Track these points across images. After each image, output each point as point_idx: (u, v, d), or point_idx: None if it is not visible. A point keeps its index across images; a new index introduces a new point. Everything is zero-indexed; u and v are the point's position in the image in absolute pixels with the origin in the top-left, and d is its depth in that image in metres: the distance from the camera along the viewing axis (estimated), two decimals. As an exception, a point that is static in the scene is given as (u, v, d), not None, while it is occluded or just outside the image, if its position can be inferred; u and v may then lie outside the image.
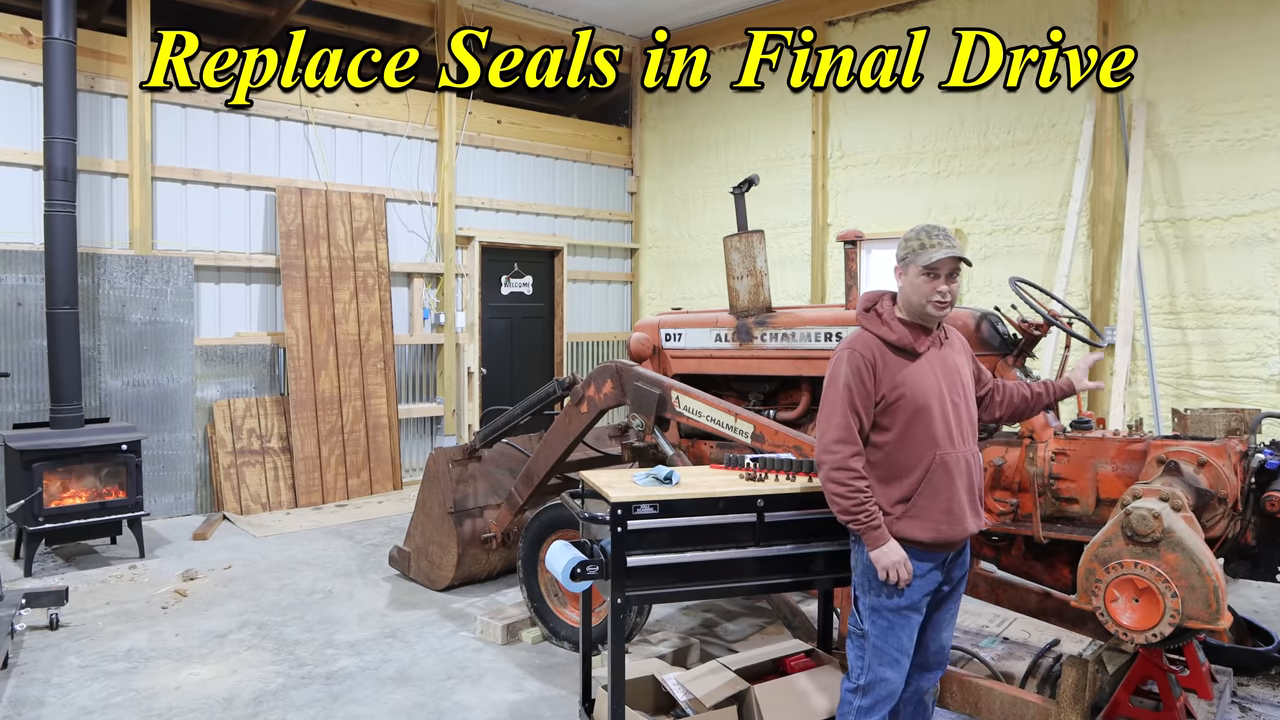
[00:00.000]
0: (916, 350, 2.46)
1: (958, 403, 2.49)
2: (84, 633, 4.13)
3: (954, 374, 2.52)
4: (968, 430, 2.51)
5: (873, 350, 2.45)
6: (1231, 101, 5.53)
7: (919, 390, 2.42)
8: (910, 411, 2.41)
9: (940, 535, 2.43)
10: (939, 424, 2.43)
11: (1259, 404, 5.35)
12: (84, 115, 5.89)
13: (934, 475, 2.42)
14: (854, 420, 2.42)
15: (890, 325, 2.48)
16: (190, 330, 6.37)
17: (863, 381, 2.42)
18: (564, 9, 8.14)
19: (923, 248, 2.43)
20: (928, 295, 2.43)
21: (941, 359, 2.51)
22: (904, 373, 2.43)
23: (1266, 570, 3.00)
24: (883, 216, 7.29)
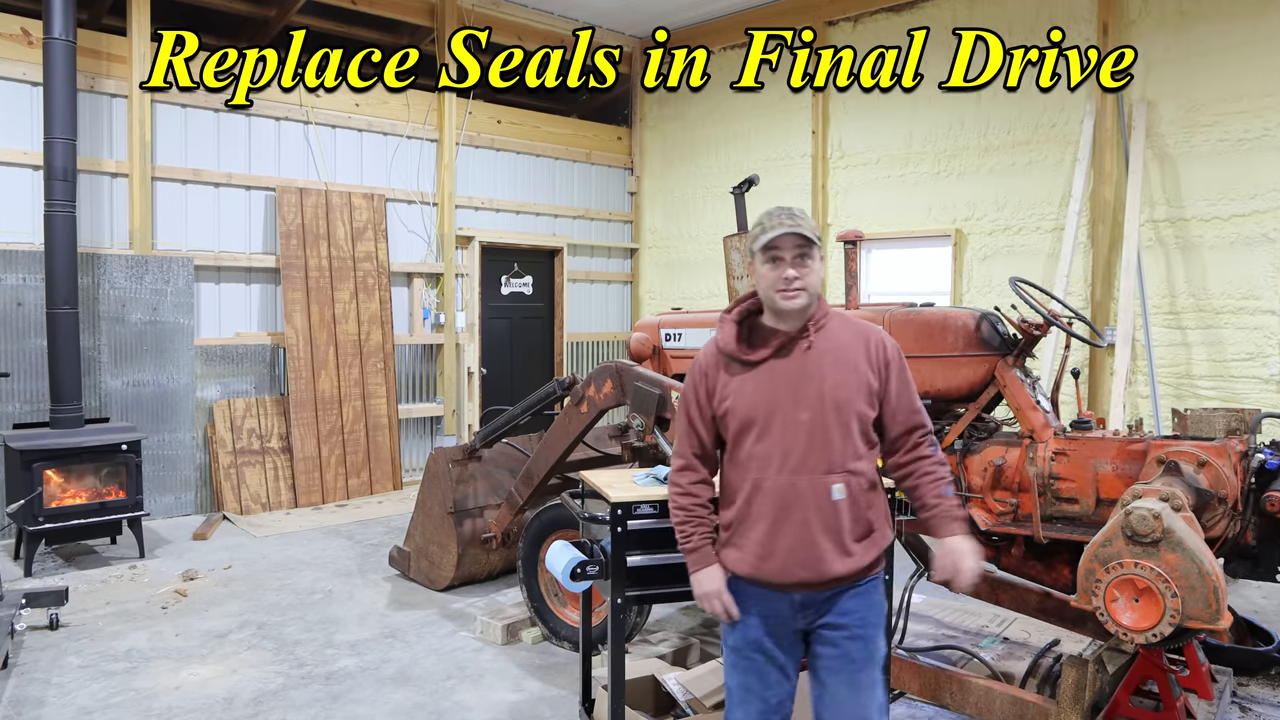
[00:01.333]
0: (744, 358, 2.11)
1: (813, 419, 2.05)
2: (84, 633, 4.13)
3: (816, 384, 2.07)
4: (824, 453, 2.04)
5: (710, 358, 2.18)
6: (1231, 101, 5.53)
7: (745, 403, 2.09)
8: (735, 427, 2.10)
9: (757, 572, 2.07)
10: (765, 443, 2.06)
11: (1259, 404, 5.36)
12: (84, 115, 5.89)
13: (753, 503, 2.07)
14: (691, 435, 2.18)
15: (723, 329, 2.17)
16: (190, 330, 6.37)
17: (696, 393, 2.17)
18: (564, 9, 8.14)
19: (762, 231, 2.09)
20: (772, 284, 2.06)
21: (802, 366, 2.08)
22: (733, 383, 2.11)
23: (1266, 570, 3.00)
24: (883, 217, 7.29)
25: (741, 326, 2.17)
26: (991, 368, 3.46)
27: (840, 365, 2.09)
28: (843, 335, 2.13)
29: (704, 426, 2.16)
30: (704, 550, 2.14)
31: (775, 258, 2.05)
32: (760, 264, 2.08)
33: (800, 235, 2.05)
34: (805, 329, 2.10)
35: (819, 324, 2.12)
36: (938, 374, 3.55)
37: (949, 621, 4.15)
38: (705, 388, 2.15)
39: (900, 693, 3.40)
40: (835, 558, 2.04)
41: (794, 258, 2.05)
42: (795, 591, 2.07)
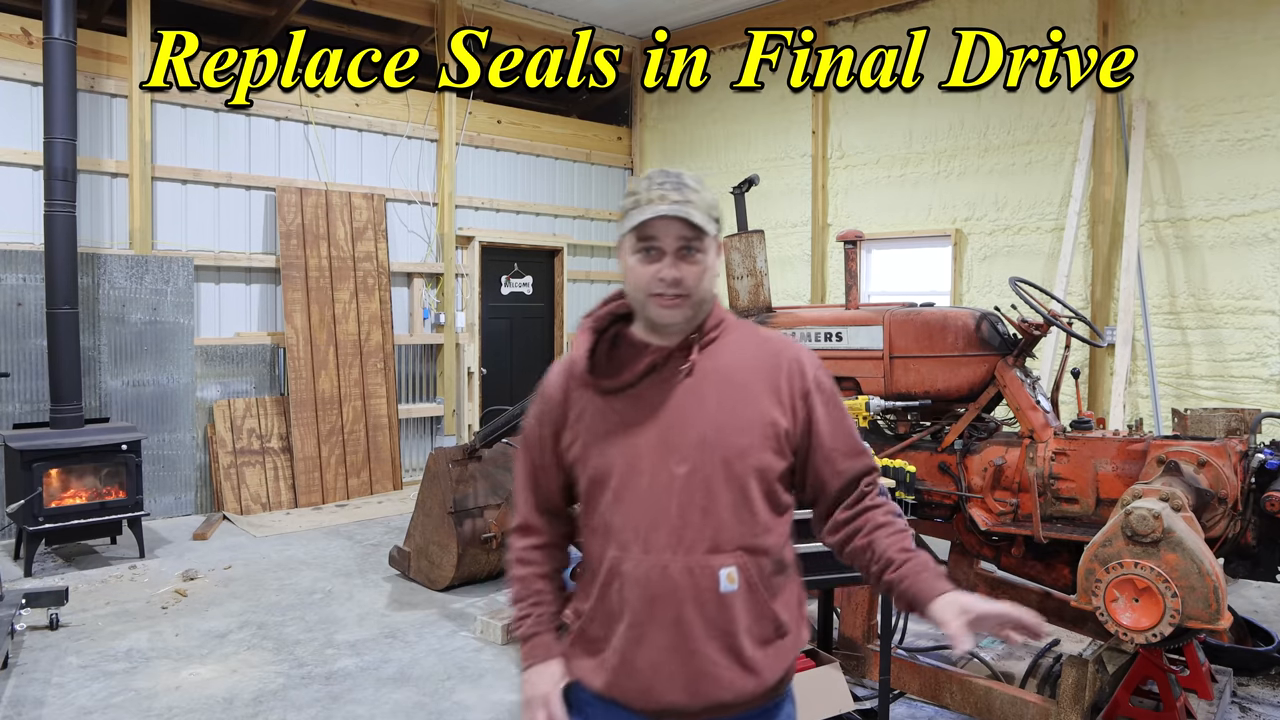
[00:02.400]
0: (599, 384, 1.50)
1: (692, 475, 1.43)
2: (84, 633, 4.13)
3: (697, 425, 1.45)
4: (708, 525, 1.43)
5: (559, 381, 1.56)
6: (1232, 101, 5.53)
7: (598, 449, 1.48)
8: (586, 482, 1.50)
9: (611, 689, 1.47)
10: (625, 508, 1.45)
11: (1259, 404, 5.35)
12: (84, 115, 5.88)
13: (610, 592, 1.47)
14: (532, 485, 1.60)
15: (577, 340, 1.55)
16: (190, 330, 6.37)
17: (540, 429, 1.57)
18: (564, 9, 8.13)
19: (635, 204, 1.44)
20: (644, 284, 1.44)
21: (679, 398, 1.47)
22: (585, 419, 1.50)
23: (1266, 570, 3.01)
24: (883, 216, 7.28)
25: (602, 338, 1.54)
26: (991, 368, 3.46)
27: (734, 398, 1.47)
28: (742, 354, 1.51)
29: (550, 474, 1.57)
30: (540, 640, 1.56)
31: (650, 249, 1.43)
32: (629, 252, 1.46)
33: (687, 223, 1.41)
34: (687, 344, 1.48)
35: (709, 337, 1.50)
36: (938, 374, 3.55)
37: (949, 621, 4.15)
38: (550, 422, 1.54)
39: (900, 693, 3.40)
40: (727, 673, 1.43)
41: (677, 249, 1.43)
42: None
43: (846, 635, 3.51)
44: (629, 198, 1.47)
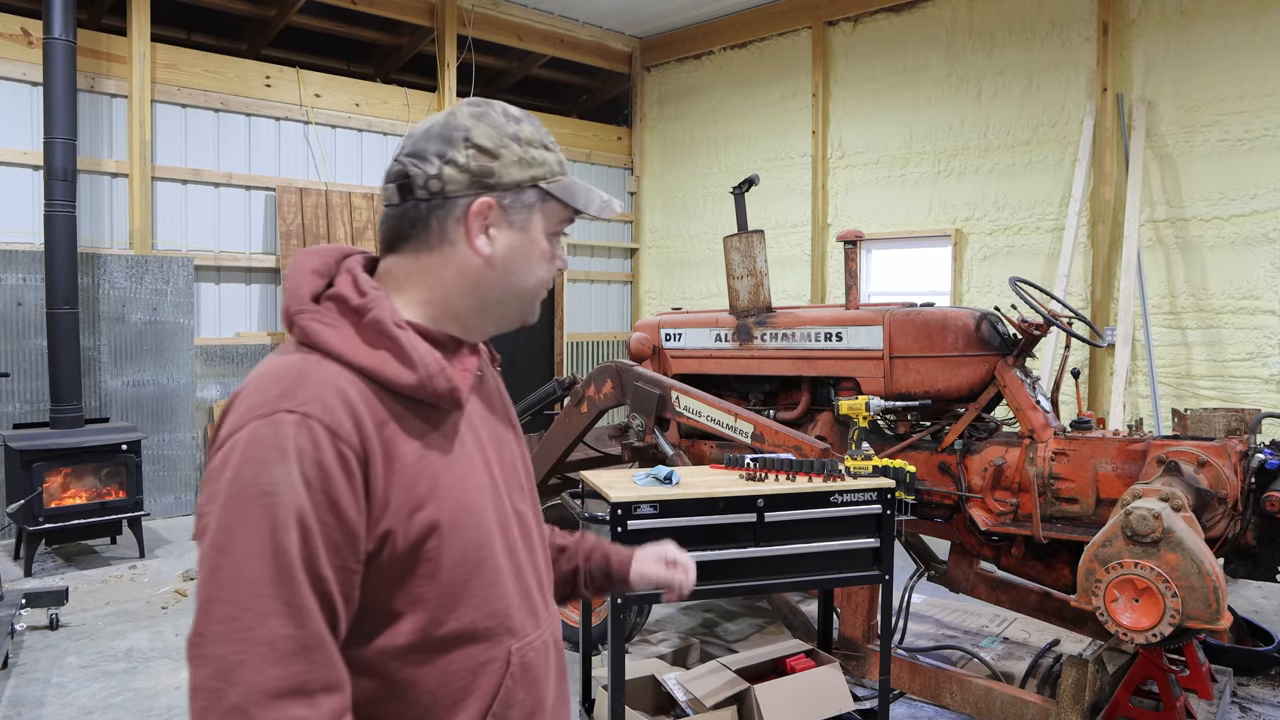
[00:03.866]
0: (459, 401, 1.04)
1: (524, 515, 1.14)
2: (84, 633, 4.13)
3: (515, 443, 1.19)
4: (547, 573, 1.19)
5: (358, 417, 0.95)
6: (1232, 101, 5.53)
7: (454, 504, 1.00)
8: (455, 560, 0.99)
9: None
10: (503, 576, 1.05)
11: (1259, 404, 5.35)
12: (84, 115, 5.88)
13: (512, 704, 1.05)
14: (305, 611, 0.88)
15: (404, 345, 1.00)
16: (190, 330, 6.37)
17: (337, 509, 0.91)
18: (564, 9, 8.14)
19: (554, 172, 1.09)
20: (545, 279, 1.11)
21: (498, 405, 1.19)
22: (425, 464, 0.99)
23: (1266, 570, 3.00)
24: (883, 216, 7.29)
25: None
26: (991, 368, 3.46)
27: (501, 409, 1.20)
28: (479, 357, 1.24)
29: (342, 581, 0.92)
30: None
31: (561, 233, 1.12)
32: (541, 229, 1.08)
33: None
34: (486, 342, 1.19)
35: None
36: (938, 374, 3.55)
37: (949, 621, 4.16)
38: (352, 494, 0.92)
39: (900, 693, 3.40)
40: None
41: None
42: None
43: (846, 635, 3.51)
44: (539, 148, 1.07)
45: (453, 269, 1.05)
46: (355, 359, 0.97)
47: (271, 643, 0.85)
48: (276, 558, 0.87)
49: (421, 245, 1.05)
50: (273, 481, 0.88)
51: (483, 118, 1.06)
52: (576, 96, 9.64)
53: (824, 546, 2.77)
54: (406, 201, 1.04)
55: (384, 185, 1.08)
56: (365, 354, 0.98)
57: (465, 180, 1.03)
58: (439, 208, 1.03)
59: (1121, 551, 2.54)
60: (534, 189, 1.06)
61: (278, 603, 0.86)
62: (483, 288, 1.07)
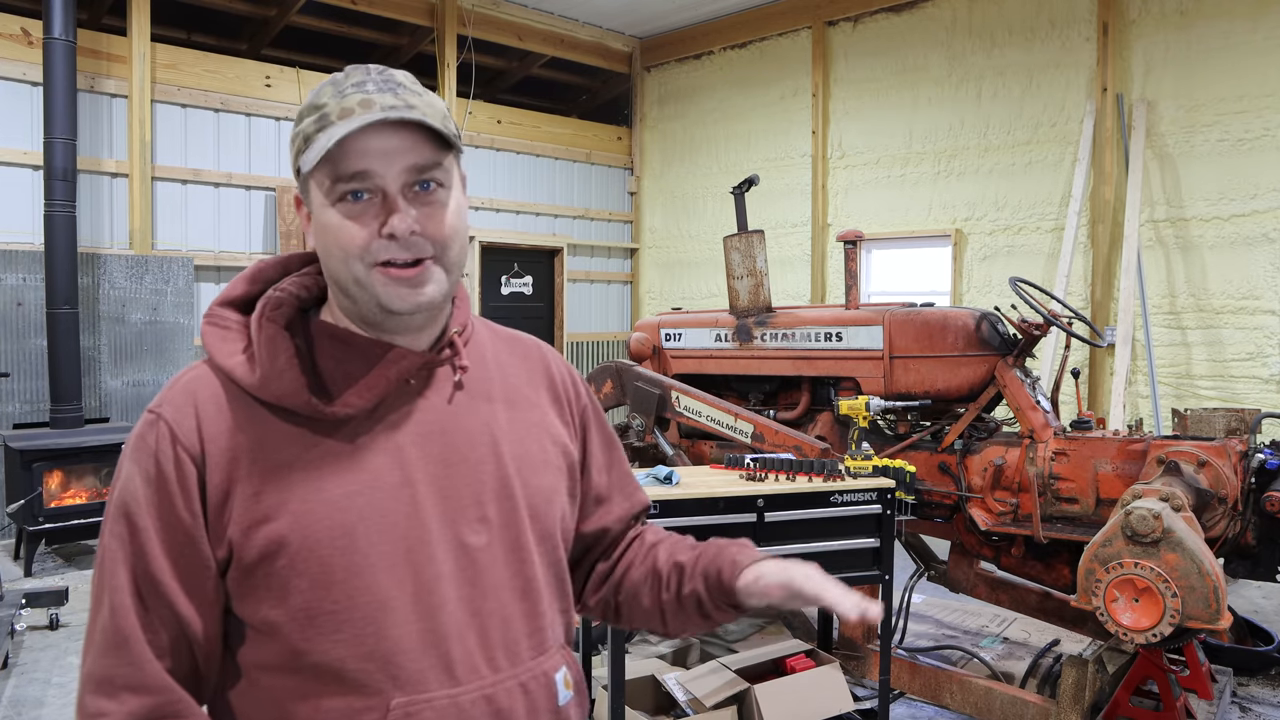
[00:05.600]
0: (320, 412, 0.93)
1: (496, 544, 0.99)
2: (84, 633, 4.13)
3: (492, 466, 1.00)
4: (531, 614, 1.01)
5: (212, 409, 0.93)
6: (1232, 101, 5.53)
7: (329, 526, 0.91)
8: (311, 583, 0.90)
9: None
10: (403, 618, 0.92)
11: (1259, 404, 5.35)
12: (84, 115, 5.88)
13: None
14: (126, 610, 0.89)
15: (255, 342, 0.95)
16: (190, 330, 6.37)
17: (170, 508, 0.90)
18: (564, 9, 8.14)
19: (321, 126, 0.92)
20: (359, 252, 0.92)
21: (461, 418, 1.01)
22: (287, 476, 0.91)
23: (1266, 570, 3.01)
24: (883, 216, 7.29)
25: (296, 341, 0.96)
26: (991, 368, 3.46)
27: (522, 418, 1.06)
28: (501, 351, 1.11)
29: (189, 585, 0.90)
30: None
31: (360, 191, 0.91)
32: (320, 203, 0.93)
33: (421, 133, 0.92)
34: (446, 344, 1.01)
35: (466, 334, 1.05)
36: (938, 374, 3.55)
37: (949, 621, 4.16)
38: (186, 498, 0.89)
39: (900, 693, 3.40)
40: None
41: (407, 185, 0.92)
42: None
43: (846, 635, 3.52)
44: (310, 115, 0.93)
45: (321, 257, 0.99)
46: (219, 360, 0.95)
47: (95, 633, 0.91)
48: (107, 551, 0.91)
49: None
50: (120, 475, 0.94)
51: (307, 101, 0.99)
52: (577, 96, 9.65)
53: (824, 546, 2.77)
54: None
55: None
56: (230, 355, 0.95)
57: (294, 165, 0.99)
58: None
59: (1121, 551, 2.54)
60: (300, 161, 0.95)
61: (104, 594, 0.91)
62: (326, 276, 0.98)
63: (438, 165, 0.93)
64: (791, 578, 1.04)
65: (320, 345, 0.98)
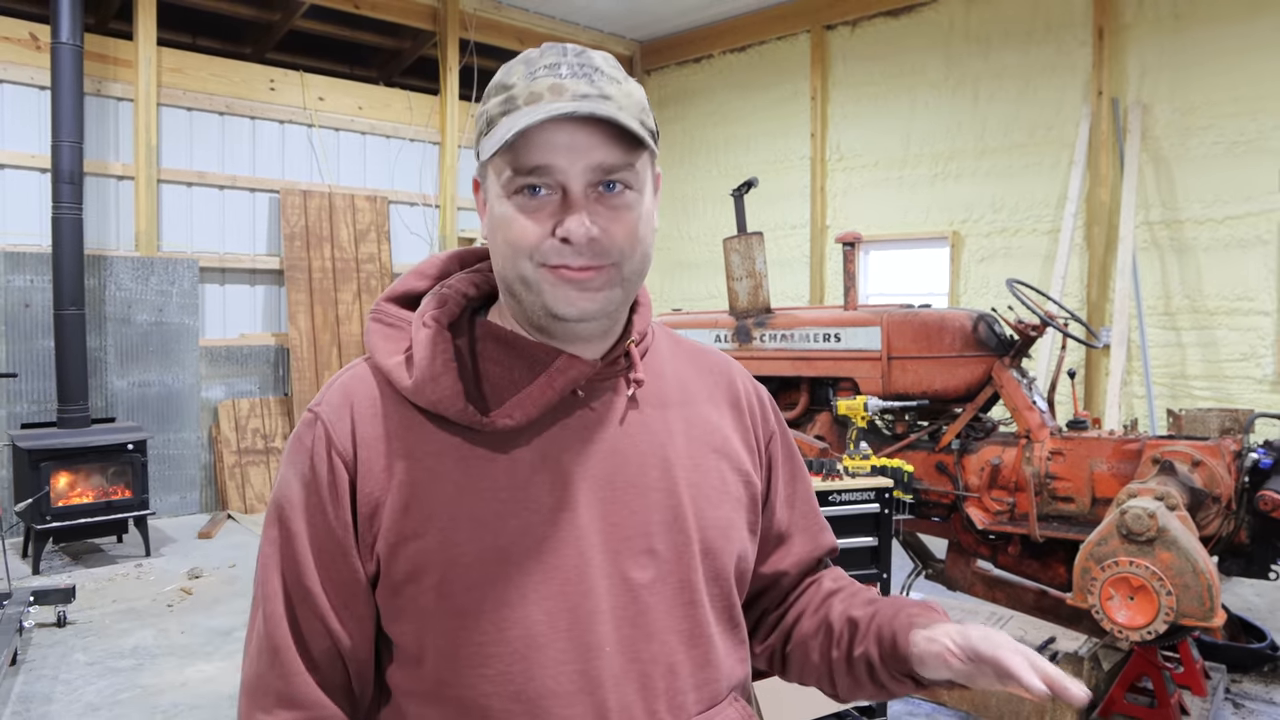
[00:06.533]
0: (490, 426, 0.85)
1: (664, 582, 0.88)
2: (91, 630, 4.17)
3: (660, 490, 0.90)
4: (700, 662, 0.90)
5: (368, 417, 0.87)
6: (1226, 105, 5.57)
7: (482, 550, 0.83)
8: (456, 611, 0.83)
9: None
10: (553, 656, 0.83)
11: (1253, 404, 5.39)
12: (91, 119, 5.92)
13: None
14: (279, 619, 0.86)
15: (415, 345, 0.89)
16: (195, 331, 6.41)
17: (322, 513, 0.86)
18: (566, 13, 8.19)
19: (507, 109, 0.83)
20: (530, 251, 0.83)
21: (632, 439, 0.91)
22: (444, 495, 0.84)
23: (1259, 568, 3.05)
24: (881, 218, 7.33)
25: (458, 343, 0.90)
26: (988, 368, 3.50)
27: (700, 443, 0.95)
28: (684, 368, 0.99)
29: (340, 589, 0.86)
30: None
31: (538, 186, 0.82)
32: (497, 193, 0.85)
33: (614, 131, 0.82)
34: (621, 354, 0.92)
35: (645, 341, 0.96)
36: (935, 374, 3.59)
37: (947, 619, 4.19)
38: (341, 509, 0.85)
39: (898, 689, 3.43)
40: None
41: (591, 185, 0.83)
42: None
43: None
44: (496, 96, 0.84)
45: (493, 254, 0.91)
46: (380, 361, 0.89)
47: (253, 638, 0.88)
48: (263, 554, 0.88)
49: None
50: (280, 478, 0.91)
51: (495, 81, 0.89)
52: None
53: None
54: None
55: None
56: (391, 356, 0.88)
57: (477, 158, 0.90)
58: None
59: (1117, 550, 2.58)
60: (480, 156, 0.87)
61: (260, 599, 0.88)
62: (501, 272, 0.88)
63: (628, 166, 0.83)
64: (969, 639, 0.86)
65: (484, 348, 0.89)
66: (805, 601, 1.05)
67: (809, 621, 1.03)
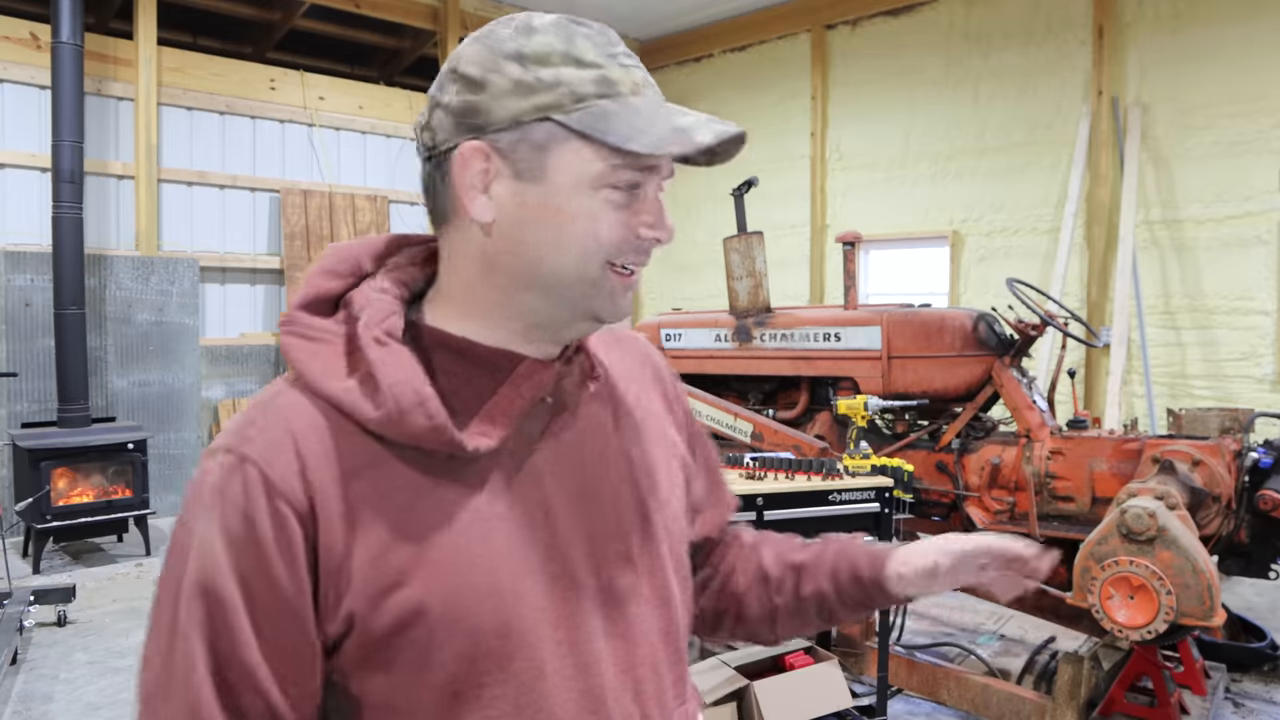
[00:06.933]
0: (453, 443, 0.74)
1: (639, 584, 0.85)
2: (91, 629, 4.17)
3: (627, 490, 0.86)
4: (674, 658, 0.88)
5: (306, 463, 0.72)
6: (1225, 104, 5.58)
7: (482, 584, 0.74)
8: (457, 656, 0.74)
9: None
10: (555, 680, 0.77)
11: (1253, 403, 5.40)
12: (91, 118, 5.92)
13: None
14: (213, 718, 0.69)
15: (374, 366, 0.74)
16: (195, 330, 6.42)
17: (269, 576, 0.70)
18: (566, 12, 8.18)
19: (607, 94, 0.75)
20: (608, 247, 0.78)
21: (594, 440, 0.85)
22: (431, 530, 0.74)
23: (1259, 568, 3.06)
24: (881, 218, 7.33)
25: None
26: (988, 368, 3.51)
27: (648, 433, 0.92)
28: (612, 355, 0.94)
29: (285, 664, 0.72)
30: None
31: (641, 184, 0.79)
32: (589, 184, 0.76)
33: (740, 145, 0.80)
34: (574, 352, 0.86)
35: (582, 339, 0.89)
36: (935, 374, 3.60)
37: (946, 619, 4.20)
38: (286, 555, 0.70)
39: (898, 689, 3.44)
40: None
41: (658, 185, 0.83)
42: None
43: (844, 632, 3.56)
44: (571, 66, 0.75)
45: (464, 247, 0.78)
46: (320, 385, 0.74)
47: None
48: (174, 636, 0.70)
49: (439, 219, 0.80)
50: (191, 537, 0.71)
51: (483, 37, 0.77)
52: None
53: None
54: (423, 163, 0.80)
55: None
56: (335, 380, 0.74)
57: (450, 125, 0.76)
58: (436, 168, 0.78)
59: (1117, 549, 2.59)
60: (544, 123, 0.74)
61: (170, 697, 0.69)
62: (499, 270, 0.77)
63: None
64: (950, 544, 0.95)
65: (438, 360, 0.78)
66: (732, 558, 1.05)
67: (741, 578, 1.03)
